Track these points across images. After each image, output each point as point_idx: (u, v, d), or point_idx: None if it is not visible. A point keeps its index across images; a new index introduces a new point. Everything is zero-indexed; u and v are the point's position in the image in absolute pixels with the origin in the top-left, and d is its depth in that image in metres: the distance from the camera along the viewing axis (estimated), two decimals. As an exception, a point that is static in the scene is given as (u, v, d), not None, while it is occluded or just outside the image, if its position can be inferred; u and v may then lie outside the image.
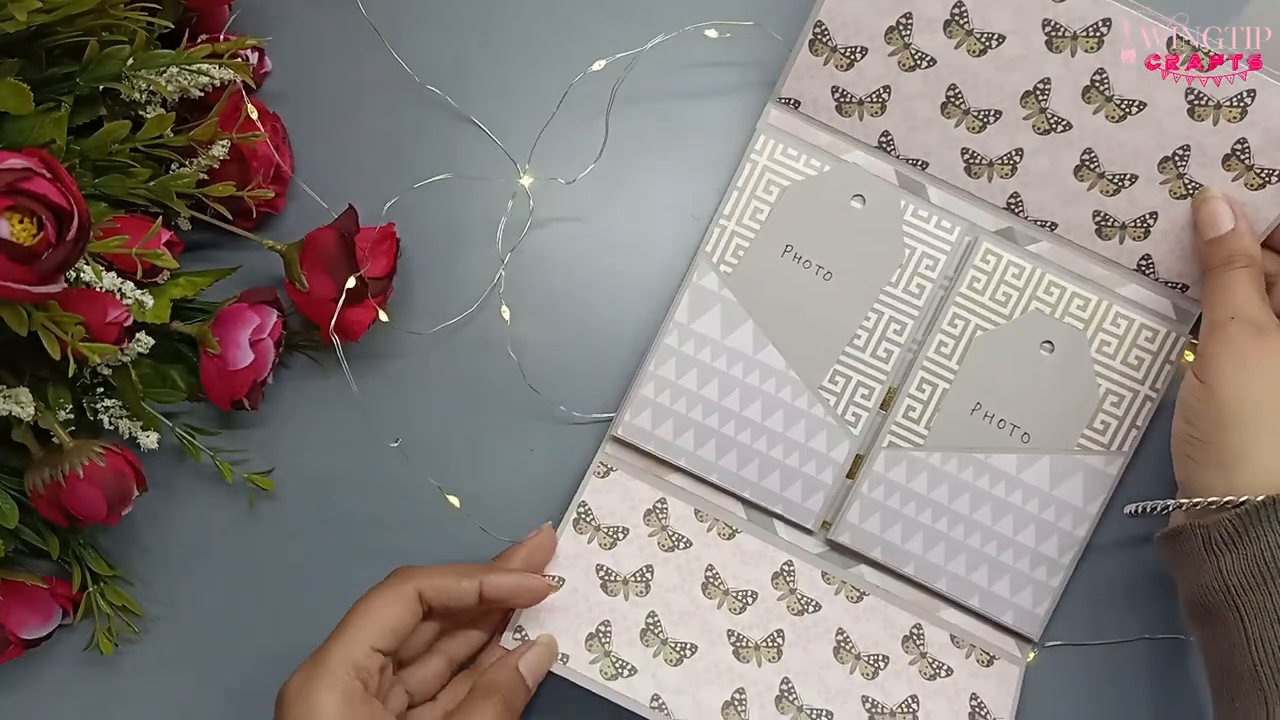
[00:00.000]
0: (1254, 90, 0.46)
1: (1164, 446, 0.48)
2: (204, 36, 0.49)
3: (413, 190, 0.51)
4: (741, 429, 0.49)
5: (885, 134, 0.49)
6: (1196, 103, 0.46)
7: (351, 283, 0.47)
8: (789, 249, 0.49)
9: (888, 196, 0.49)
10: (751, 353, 0.49)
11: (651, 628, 0.48)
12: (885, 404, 0.50)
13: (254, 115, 0.48)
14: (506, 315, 0.51)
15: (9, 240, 0.37)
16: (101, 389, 0.48)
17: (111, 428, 0.47)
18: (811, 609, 0.49)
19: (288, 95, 0.52)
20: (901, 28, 0.47)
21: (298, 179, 0.51)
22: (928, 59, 0.48)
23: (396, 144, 0.52)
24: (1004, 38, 0.47)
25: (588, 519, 0.49)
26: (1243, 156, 0.47)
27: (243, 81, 0.48)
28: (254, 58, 0.51)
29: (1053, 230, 0.49)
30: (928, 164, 0.49)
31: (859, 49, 0.48)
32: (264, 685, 0.52)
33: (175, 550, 0.52)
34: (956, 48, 0.47)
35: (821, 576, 0.50)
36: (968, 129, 0.48)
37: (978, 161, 0.49)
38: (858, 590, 0.50)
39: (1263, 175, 0.47)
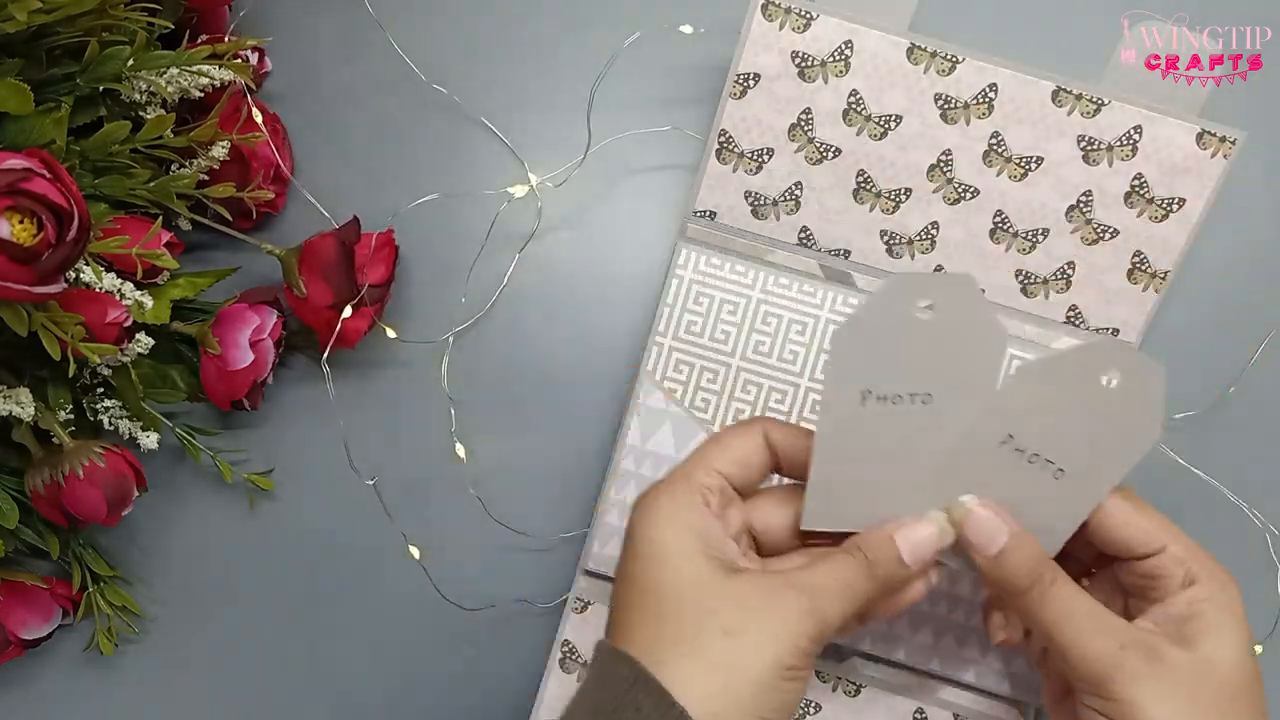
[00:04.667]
0: (1140, 126, 0.47)
1: (1211, 329, 0.50)
2: (204, 37, 0.50)
3: (412, 190, 0.51)
4: None
5: (804, 230, 0.49)
6: (1089, 148, 0.48)
7: (348, 312, 0.47)
8: (730, 354, 0.49)
9: (813, 293, 0.49)
10: None
11: None
12: None
13: (258, 117, 0.48)
14: (461, 453, 0.51)
15: (9, 240, 0.37)
16: (101, 389, 0.48)
17: (111, 428, 0.48)
18: (812, 710, 0.49)
19: (288, 95, 0.52)
20: (803, 124, 0.48)
21: (297, 180, 0.52)
22: (833, 149, 0.48)
23: (396, 144, 0.52)
24: (901, 118, 0.48)
25: (573, 658, 0.50)
26: (1142, 192, 0.48)
27: (244, 83, 0.48)
28: (254, 58, 0.51)
29: (982, 295, 0.49)
30: (849, 252, 0.49)
31: (765, 150, 0.49)
32: (264, 685, 0.52)
33: (175, 550, 0.52)
34: (858, 134, 0.48)
35: (816, 676, 0.50)
36: (882, 211, 0.49)
37: (897, 241, 0.49)
38: (854, 684, 0.50)
39: (1164, 206, 0.48)
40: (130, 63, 0.44)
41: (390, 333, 0.51)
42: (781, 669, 0.36)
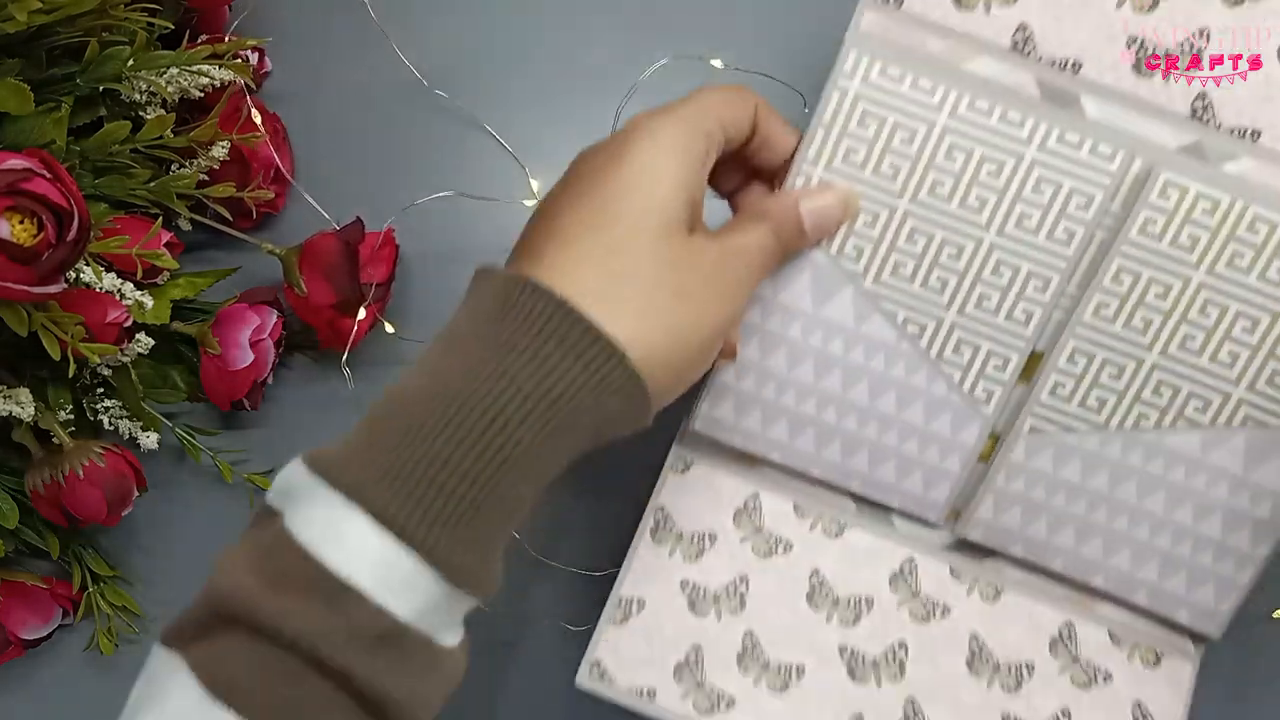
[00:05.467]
0: None
1: None
2: (204, 37, 0.50)
3: (412, 193, 0.51)
4: (845, 414, 0.41)
5: (1021, 28, 0.38)
6: None
7: (362, 314, 0.47)
8: (897, 195, 0.39)
9: (1019, 124, 0.39)
10: (853, 324, 0.41)
11: (750, 650, 0.42)
12: (1025, 374, 0.41)
13: (257, 119, 0.48)
14: None
15: (9, 240, 0.37)
16: (101, 389, 0.48)
17: (111, 428, 0.48)
18: (939, 614, 0.43)
19: (288, 96, 0.52)
20: None
21: (297, 181, 0.51)
22: None
23: (396, 144, 0.52)
24: None
25: (667, 526, 0.43)
26: None
27: (244, 83, 0.48)
28: (254, 58, 0.51)
29: (1255, 140, 0.38)
30: (1081, 65, 0.38)
31: None
32: (264, 685, 0.52)
33: (175, 550, 0.52)
34: None
35: (950, 573, 0.43)
36: (1134, 8, 0.38)
37: (1149, 53, 0.38)
38: (994, 586, 0.43)
39: None
40: (130, 63, 0.44)
41: (389, 328, 0.50)
42: (718, 338, 0.35)
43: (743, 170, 0.41)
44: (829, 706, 0.42)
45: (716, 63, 0.50)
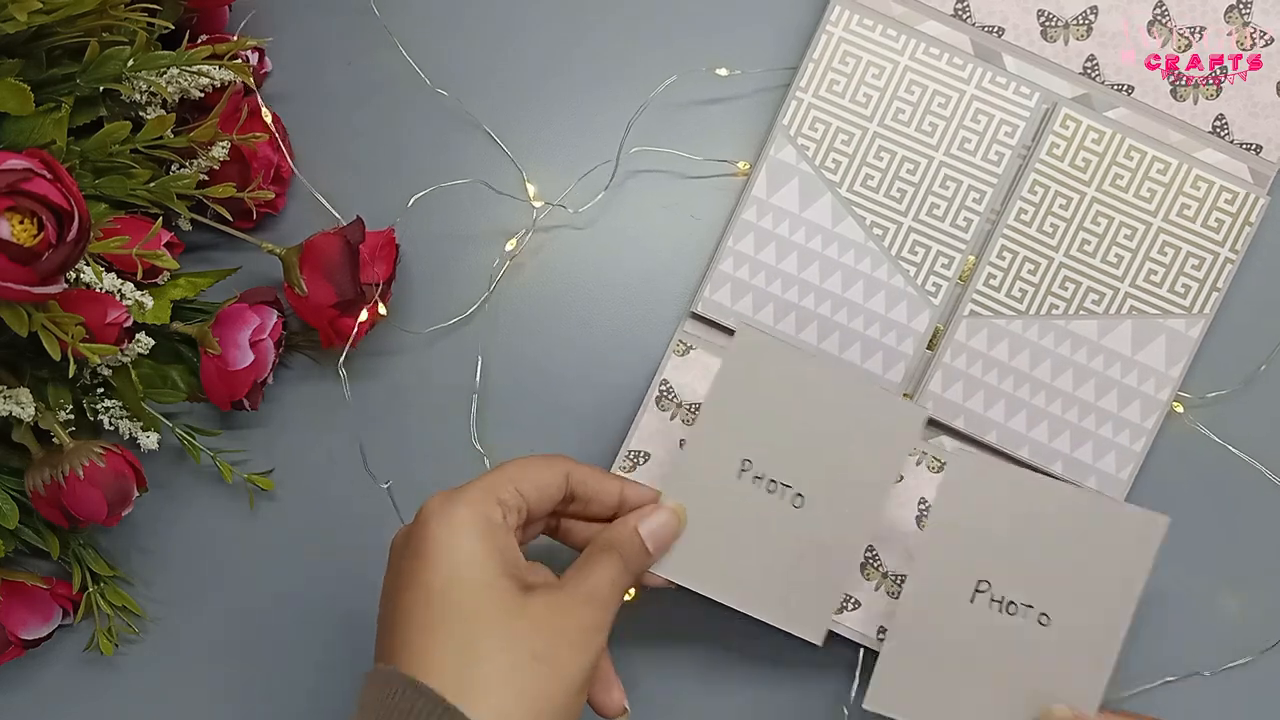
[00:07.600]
0: None
1: (1244, 308, 0.49)
2: (204, 37, 0.50)
3: (412, 194, 0.51)
4: (821, 302, 0.49)
5: (960, 1, 0.49)
6: None
7: (364, 316, 0.47)
8: (868, 119, 0.49)
9: (961, 67, 0.49)
10: (830, 225, 0.49)
11: None
12: (964, 274, 0.49)
13: (268, 118, 0.48)
14: (479, 446, 0.51)
15: (9, 241, 0.37)
16: (101, 389, 0.48)
17: (112, 428, 0.48)
18: (895, 480, 0.49)
19: (288, 96, 0.52)
20: None
21: (298, 180, 0.51)
22: None
23: (396, 145, 0.52)
24: None
25: (669, 396, 0.50)
26: None
27: (244, 83, 0.48)
28: (254, 58, 0.51)
29: (1129, 94, 0.49)
30: (1003, 30, 0.49)
31: None
32: (264, 685, 0.52)
33: (175, 550, 0.52)
34: None
35: None
36: None
37: (1053, 24, 0.49)
38: (939, 460, 0.50)
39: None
40: (130, 63, 0.44)
41: (381, 309, 0.50)
42: (583, 689, 0.38)
43: (587, 526, 0.44)
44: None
45: (721, 71, 0.50)
